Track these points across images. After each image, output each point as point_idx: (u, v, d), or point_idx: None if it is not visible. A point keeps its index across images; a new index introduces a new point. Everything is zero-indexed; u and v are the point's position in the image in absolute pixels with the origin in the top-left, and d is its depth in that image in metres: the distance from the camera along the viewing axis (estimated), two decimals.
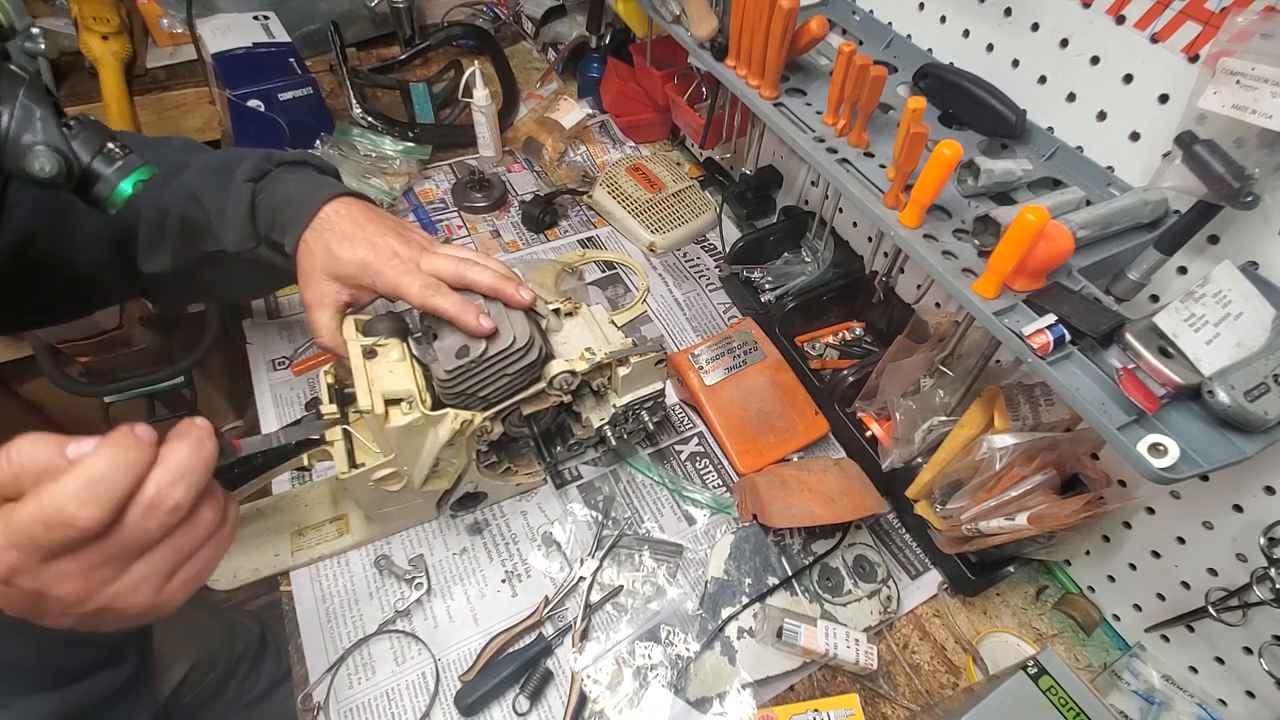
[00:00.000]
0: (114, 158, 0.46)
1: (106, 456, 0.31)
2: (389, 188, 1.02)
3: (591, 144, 1.21)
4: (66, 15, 1.15)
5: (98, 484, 0.30)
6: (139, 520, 0.32)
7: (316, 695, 0.60)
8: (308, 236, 0.56)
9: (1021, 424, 0.61)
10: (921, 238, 0.55)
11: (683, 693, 0.62)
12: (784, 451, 0.79)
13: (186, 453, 0.34)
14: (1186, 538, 0.60)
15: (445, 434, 0.57)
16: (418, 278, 0.55)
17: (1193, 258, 0.54)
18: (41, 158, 0.43)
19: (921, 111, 0.52)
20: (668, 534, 0.73)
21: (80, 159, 0.45)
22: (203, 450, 0.35)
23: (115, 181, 0.46)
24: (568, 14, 1.32)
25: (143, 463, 0.32)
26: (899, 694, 0.64)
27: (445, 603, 0.67)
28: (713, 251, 1.05)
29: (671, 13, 0.78)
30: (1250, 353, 0.44)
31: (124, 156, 0.47)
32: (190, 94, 1.21)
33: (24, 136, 0.42)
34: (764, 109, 0.69)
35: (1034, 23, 0.60)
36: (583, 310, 0.67)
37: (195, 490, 0.34)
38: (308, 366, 0.82)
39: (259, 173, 0.58)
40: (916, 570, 0.73)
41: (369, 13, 1.31)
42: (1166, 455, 0.42)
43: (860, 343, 0.91)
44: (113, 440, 0.32)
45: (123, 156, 0.47)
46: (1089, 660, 0.69)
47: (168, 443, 0.34)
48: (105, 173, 0.46)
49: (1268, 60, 0.41)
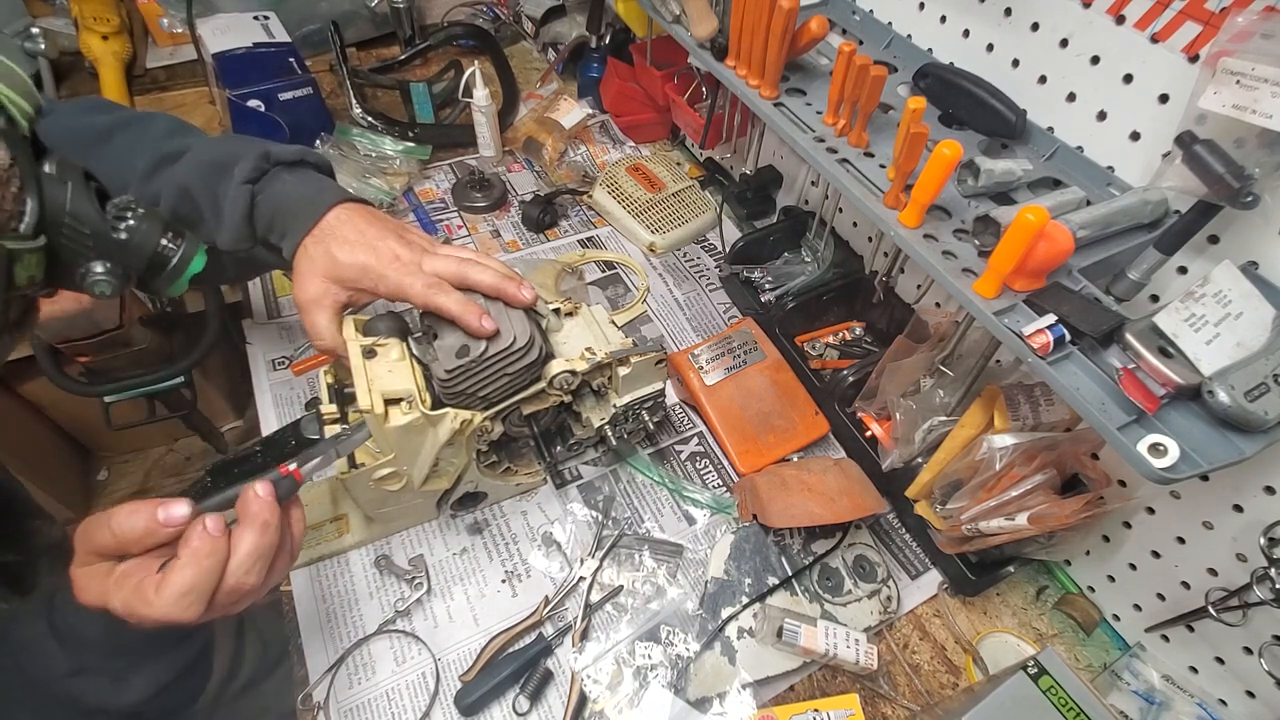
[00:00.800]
0: (169, 255, 0.44)
1: (191, 570, 0.39)
2: (389, 188, 1.02)
3: (591, 144, 1.21)
4: (66, 15, 1.16)
5: (190, 594, 0.39)
6: (223, 600, 0.41)
7: (316, 695, 0.60)
8: (307, 242, 0.56)
9: (1021, 424, 0.61)
10: (921, 238, 0.55)
11: (683, 693, 0.62)
12: (784, 451, 0.79)
13: (253, 541, 0.42)
14: (1186, 538, 0.60)
15: (445, 433, 0.57)
16: (420, 278, 0.55)
17: (1193, 258, 0.54)
18: (101, 284, 0.40)
19: (921, 111, 0.52)
20: (668, 534, 0.73)
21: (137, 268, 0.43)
22: (267, 533, 0.42)
23: (171, 281, 0.45)
24: (568, 14, 1.32)
25: (221, 559, 0.40)
26: (899, 694, 0.64)
27: (445, 603, 0.67)
28: (713, 251, 1.05)
29: (671, 13, 0.78)
30: (1250, 353, 0.44)
31: (179, 250, 0.45)
32: (190, 94, 1.21)
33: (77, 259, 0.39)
34: (764, 109, 0.69)
35: (1034, 22, 0.60)
36: (582, 310, 0.67)
37: (266, 569, 0.43)
38: (307, 366, 0.82)
39: (257, 173, 0.57)
40: (916, 570, 0.73)
41: (369, 13, 1.31)
42: (1166, 455, 0.42)
43: (860, 343, 0.91)
44: (193, 549, 0.39)
45: (178, 251, 0.45)
46: (1089, 660, 0.69)
47: (238, 531, 0.42)
48: (163, 273, 0.44)
49: (1268, 60, 0.41)
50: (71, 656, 0.43)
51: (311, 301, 0.56)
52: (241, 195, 0.56)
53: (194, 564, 0.39)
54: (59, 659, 0.43)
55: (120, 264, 0.41)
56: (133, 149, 0.60)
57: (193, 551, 0.40)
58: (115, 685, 0.44)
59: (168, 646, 0.46)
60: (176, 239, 0.45)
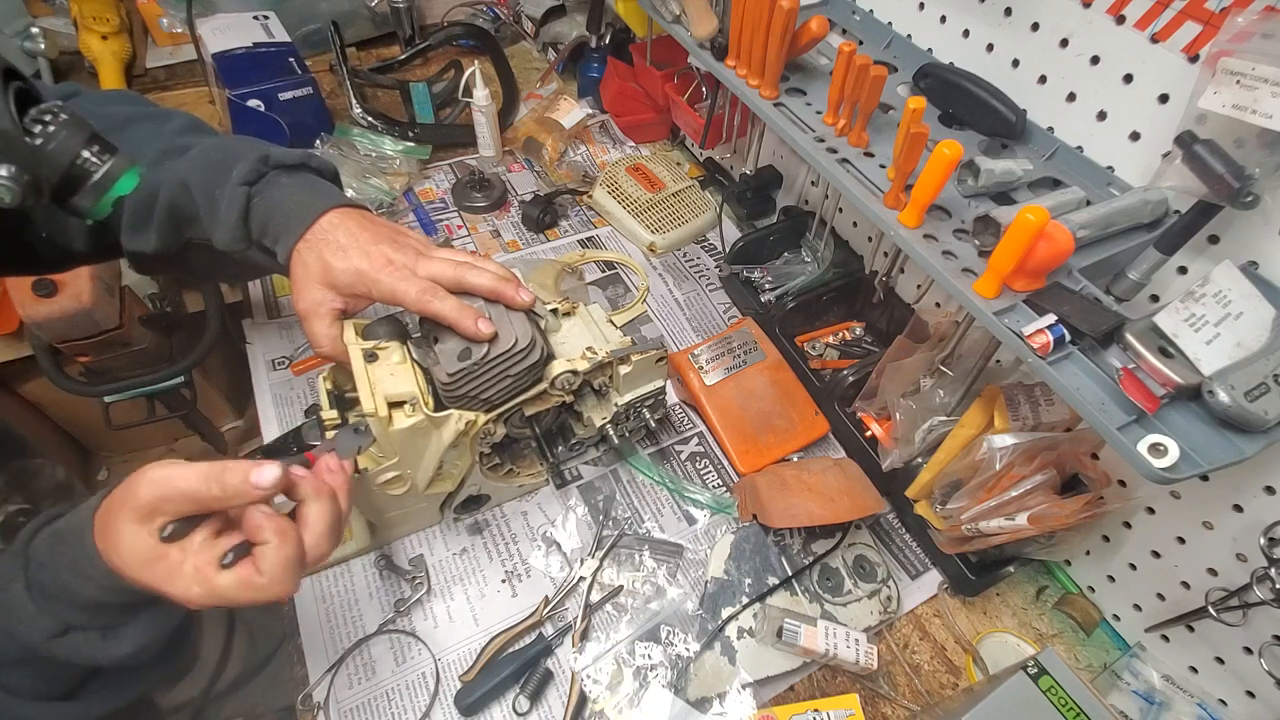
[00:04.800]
0: (90, 169, 0.40)
1: (287, 548, 0.41)
2: (389, 188, 1.02)
3: (591, 144, 1.21)
4: (66, 15, 1.15)
5: (292, 565, 0.41)
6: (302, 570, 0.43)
7: (316, 695, 0.60)
8: (300, 248, 0.55)
9: (1021, 424, 0.61)
10: (921, 238, 0.55)
11: (683, 693, 0.62)
12: (784, 451, 0.79)
13: (324, 514, 0.44)
14: (1186, 538, 0.60)
15: (449, 435, 0.57)
16: (414, 283, 0.55)
17: (1193, 258, 0.53)
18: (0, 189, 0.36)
19: (921, 111, 0.52)
20: (668, 534, 0.73)
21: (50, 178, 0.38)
22: (336, 506, 0.45)
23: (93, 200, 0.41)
24: (568, 14, 1.32)
25: (299, 536, 0.42)
26: (899, 694, 0.64)
27: (445, 603, 0.67)
28: (713, 251, 1.05)
29: (671, 13, 0.78)
30: (1250, 353, 0.44)
31: (103, 165, 0.41)
32: (190, 94, 1.21)
33: None
34: (764, 109, 0.69)
35: (1034, 22, 0.60)
36: (580, 310, 0.67)
37: (336, 541, 0.44)
38: (307, 366, 0.82)
39: (254, 175, 0.56)
40: (916, 570, 0.73)
41: (369, 13, 1.31)
42: (1166, 455, 0.42)
43: (860, 343, 0.91)
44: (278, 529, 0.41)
45: (101, 166, 0.41)
46: (1089, 660, 0.69)
47: (307, 504, 0.44)
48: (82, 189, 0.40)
49: (1268, 60, 0.41)
50: (56, 617, 0.41)
51: (309, 310, 0.56)
52: (237, 196, 0.55)
53: (280, 545, 0.40)
54: (42, 622, 0.41)
55: (29, 171, 0.37)
56: (145, 140, 0.59)
57: (278, 531, 0.41)
58: (106, 639, 0.43)
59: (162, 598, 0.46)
60: (103, 154, 0.42)
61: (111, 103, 0.62)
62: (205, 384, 1.33)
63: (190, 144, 0.59)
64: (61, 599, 0.41)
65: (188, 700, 0.87)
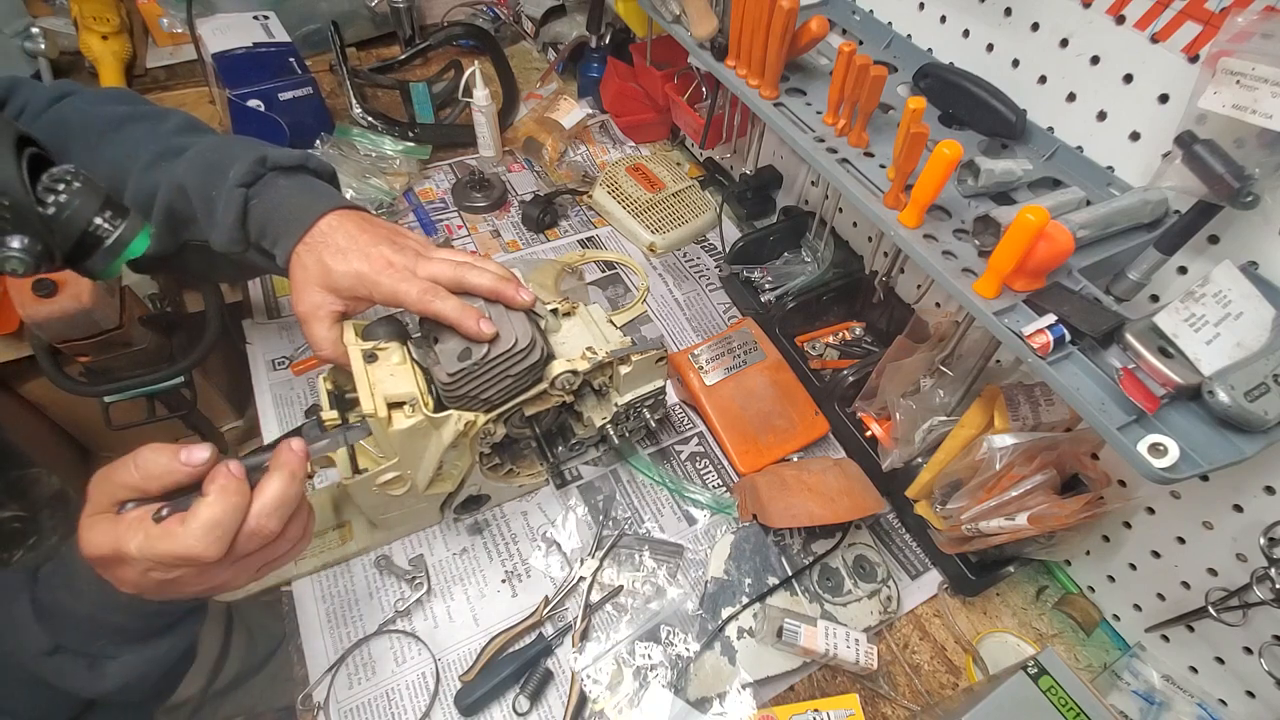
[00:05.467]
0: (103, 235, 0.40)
1: (220, 505, 0.40)
2: (389, 188, 1.02)
3: (591, 144, 1.21)
4: (66, 15, 1.15)
5: (216, 528, 0.39)
6: (243, 543, 0.42)
7: (316, 695, 0.60)
8: (300, 250, 0.55)
9: (1021, 424, 0.61)
10: (921, 238, 0.55)
11: (683, 693, 0.62)
12: (784, 451, 0.79)
13: (280, 487, 0.43)
14: (1186, 538, 0.60)
15: (449, 436, 0.57)
16: (415, 284, 0.54)
17: (1193, 258, 0.54)
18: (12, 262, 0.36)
19: (921, 111, 0.52)
20: (668, 534, 0.73)
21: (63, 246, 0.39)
22: (294, 482, 0.44)
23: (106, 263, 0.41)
24: (568, 14, 1.32)
25: (246, 500, 0.41)
26: (899, 694, 0.64)
27: (445, 603, 0.67)
28: (713, 251, 1.05)
29: (671, 13, 0.78)
30: (1250, 353, 0.44)
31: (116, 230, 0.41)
32: (190, 94, 1.21)
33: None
34: (764, 109, 0.69)
35: (1034, 22, 0.60)
36: (580, 310, 0.67)
37: (286, 518, 0.43)
38: (307, 366, 0.82)
39: (252, 177, 0.56)
40: (916, 570, 0.73)
41: (369, 13, 1.31)
42: (1166, 455, 0.42)
43: (860, 343, 0.91)
44: (221, 485, 0.41)
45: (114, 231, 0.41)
46: (1089, 660, 0.69)
47: (268, 474, 0.43)
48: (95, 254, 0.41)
49: (1268, 60, 0.41)
50: (51, 634, 0.42)
51: (309, 313, 0.56)
52: (235, 198, 0.55)
53: (221, 499, 0.40)
54: (38, 636, 0.42)
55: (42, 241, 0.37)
56: (140, 140, 0.59)
57: (220, 488, 0.41)
58: (91, 670, 0.43)
59: (153, 634, 0.45)
60: (115, 218, 0.42)
61: (107, 102, 0.62)
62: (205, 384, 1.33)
63: (187, 144, 0.59)
64: (57, 615, 0.42)
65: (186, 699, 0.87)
